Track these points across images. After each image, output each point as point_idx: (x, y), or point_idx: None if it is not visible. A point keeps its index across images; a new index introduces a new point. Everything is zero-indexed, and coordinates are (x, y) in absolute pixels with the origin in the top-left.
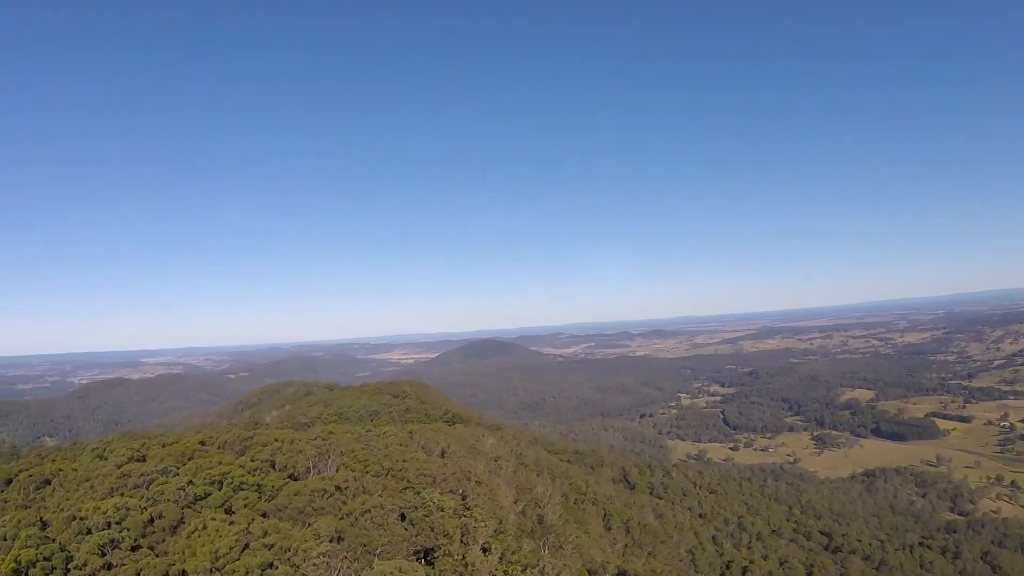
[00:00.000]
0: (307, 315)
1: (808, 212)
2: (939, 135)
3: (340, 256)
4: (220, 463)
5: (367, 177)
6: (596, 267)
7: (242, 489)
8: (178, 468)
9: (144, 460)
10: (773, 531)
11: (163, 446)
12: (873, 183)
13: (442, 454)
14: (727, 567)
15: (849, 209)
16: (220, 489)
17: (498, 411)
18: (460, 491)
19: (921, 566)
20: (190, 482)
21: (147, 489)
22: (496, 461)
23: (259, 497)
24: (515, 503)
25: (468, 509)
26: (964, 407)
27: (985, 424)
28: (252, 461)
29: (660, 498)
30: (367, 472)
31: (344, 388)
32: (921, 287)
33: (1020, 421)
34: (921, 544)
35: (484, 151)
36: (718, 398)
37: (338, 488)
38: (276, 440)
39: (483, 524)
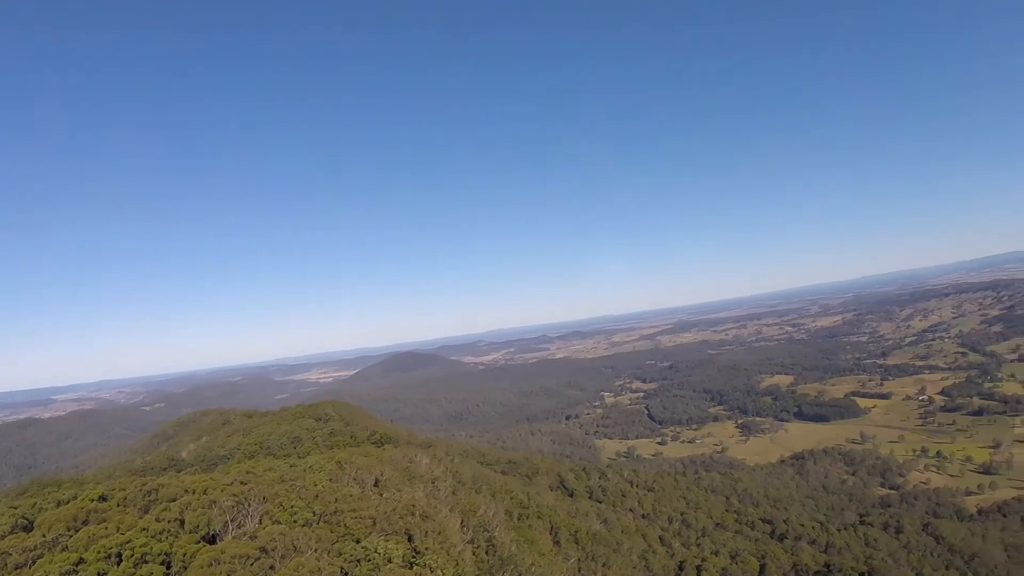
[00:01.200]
0: (222, 339)
1: (714, 207)
2: (835, 126)
3: (252, 277)
4: (119, 528)
5: (269, 198)
6: (512, 274)
7: (145, 562)
8: (70, 537)
9: (31, 529)
10: (717, 524)
11: (57, 504)
12: (778, 175)
13: (376, 483)
14: (680, 568)
15: (754, 201)
16: (119, 565)
17: (424, 424)
18: (406, 531)
19: (867, 544)
20: (80, 560)
21: (29, 571)
22: (434, 483)
23: (166, 573)
24: (462, 529)
25: (419, 554)
26: (882, 384)
27: (904, 399)
28: (158, 522)
29: (600, 502)
30: (296, 522)
31: (263, 414)
32: (829, 272)
33: (938, 394)
34: (862, 522)
35: (379, 164)
36: (641, 394)
37: (263, 550)
38: (186, 491)
39: (440, 570)
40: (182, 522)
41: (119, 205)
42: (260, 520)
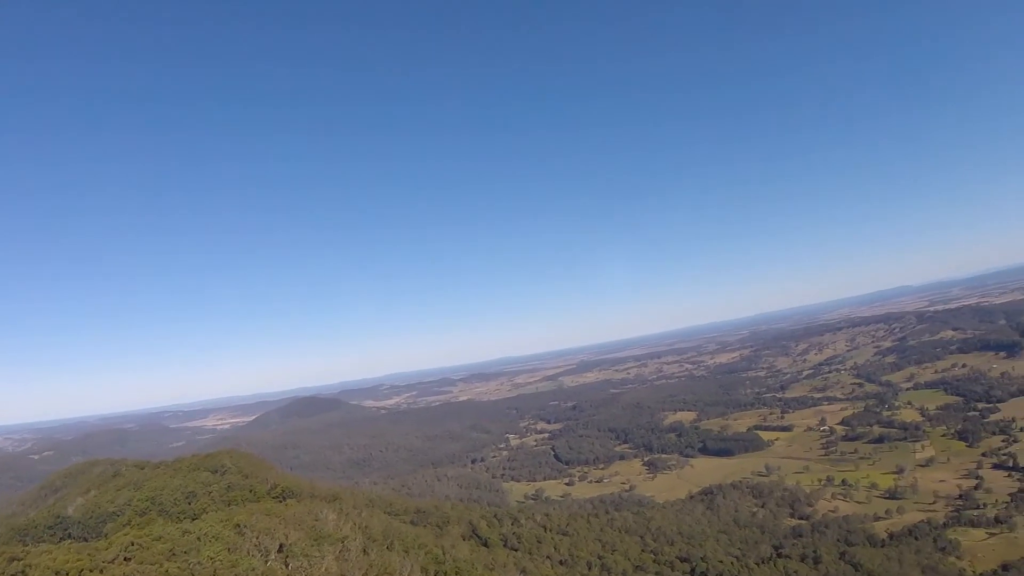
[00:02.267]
0: (114, 383)
1: (609, 249)
2: (725, 172)
3: (144, 320)
4: None
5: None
6: (413, 316)
7: None
8: None
9: None
10: (636, 567)
11: None
12: (671, 215)
13: (281, 549)
14: None
15: (649, 242)
16: None
17: (326, 472)
18: None
19: None
20: None
21: None
22: (343, 543)
23: None
24: None
25: None
26: (783, 417)
27: (806, 430)
28: None
29: (516, 550)
30: None
31: (156, 465)
32: (726, 310)
33: (838, 424)
34: (780, 555)
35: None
36: (546, 435)
37: None
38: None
39: None
40: None
41: None
42: None
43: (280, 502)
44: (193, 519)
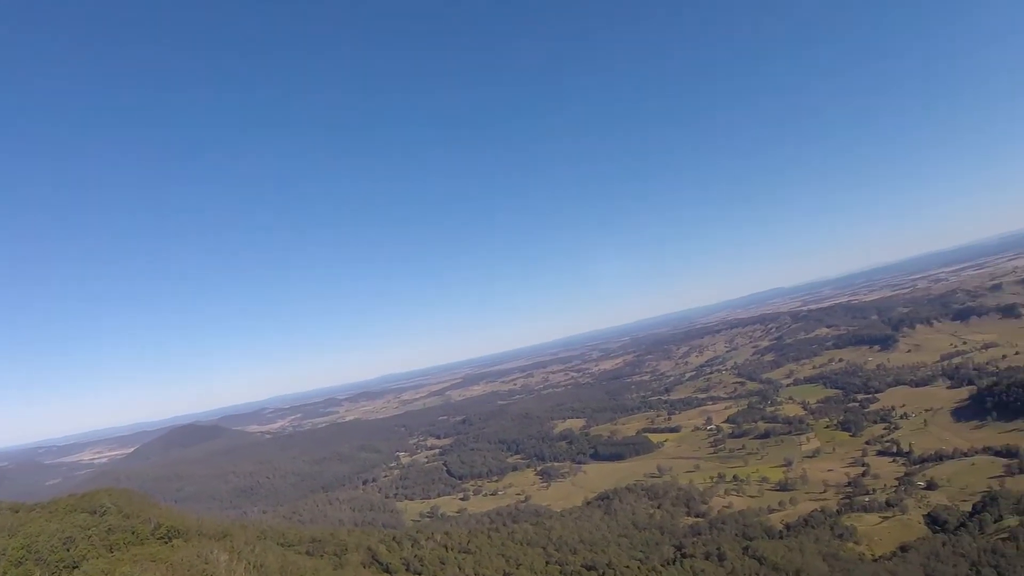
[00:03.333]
0: None
1: (490, 260)
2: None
3: (12, 350)
4: None
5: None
6: (293, 337)
7: None
8: None
9: None
10: None
11: None
12: (551, 235)
13: None
14: None
15: (531, 253)
16: None
17: (211, 503)
18: None
19: None
20: None
21: None
22: None
23: None
24: None
25: None
26: (670, 419)
27: (694, 430)
28: None
29: (419, 573)
30: None
31: (31, 508)
32: (606, 318)
33: (724, 422)
34: (684, 555)
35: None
36: (437, 451)
37: None
38: None
39: None
40: None
41: None
42: None
43: (166, 543)
44: (72, 568)
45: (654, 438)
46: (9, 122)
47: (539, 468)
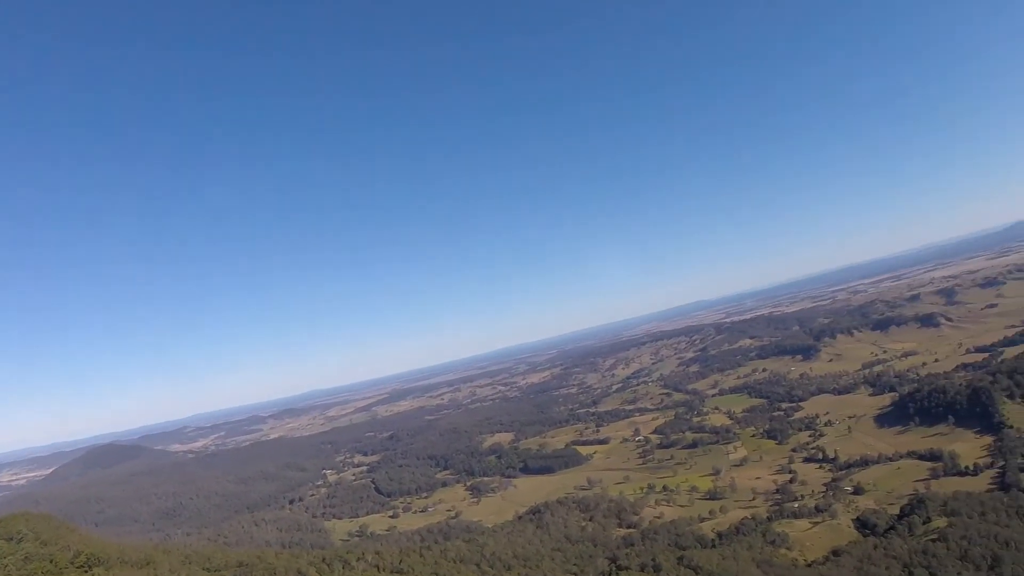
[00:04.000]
0: None
1: (414, 272)
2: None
3: None
4: None
5: None
6: (213, 353)
7: None
8: None
9: None
10: None
11: None
12: (471, 252)
13: None
14: None
15: (455, 268)
16: None
17: (133, 525)
18: None
19: None
20: None
21: None
22: None
23: None
24: None
25: None
26: (598, 431)
27: (622, 442)
28: None
29: None
30: None
31: None
32: (533, 332)
33: (652, 433)
34: (619, 567)
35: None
36: (365, 468)
37: None
38: None
39: None
40: None
41: None
42: None
43: (86, 572)
44: None
45: (583, 450)
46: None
47: (469, 483)
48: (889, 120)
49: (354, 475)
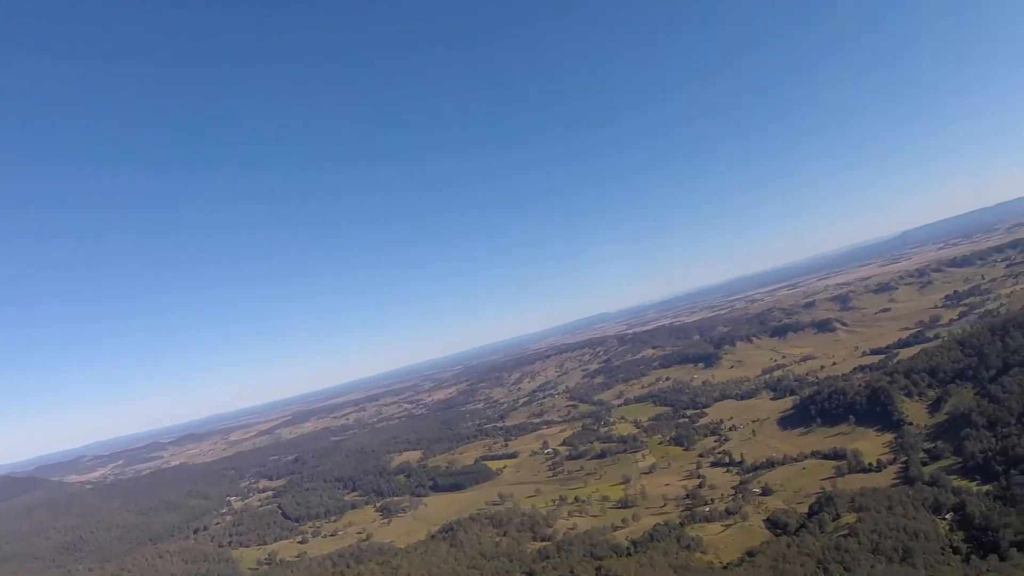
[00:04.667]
0: None
1: (320, 293)
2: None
3: None
4: None
5: None
6: (110, 376)
7: None
8: None
9: None
10: None
11: None
12: (374, 267)
13: None
14: None
15: (355, 286)
16: None
17: (33, 563)
18: None
19: None
20: None
21: None
22: None
23: None
24: None
25: None
26: (507, 445)
27: (531, 455)
28: None
29: None
30: None
31: None
32: (439, 348)
33: (561, 445)
34: None
35: None
36: (271, 493)
37: None
38: None
39: None
40: None
41: None
42: None
43: None
44: None
45: (493, 465)
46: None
47: (379, 504)
48: (779, 133)
49: (260, 501)
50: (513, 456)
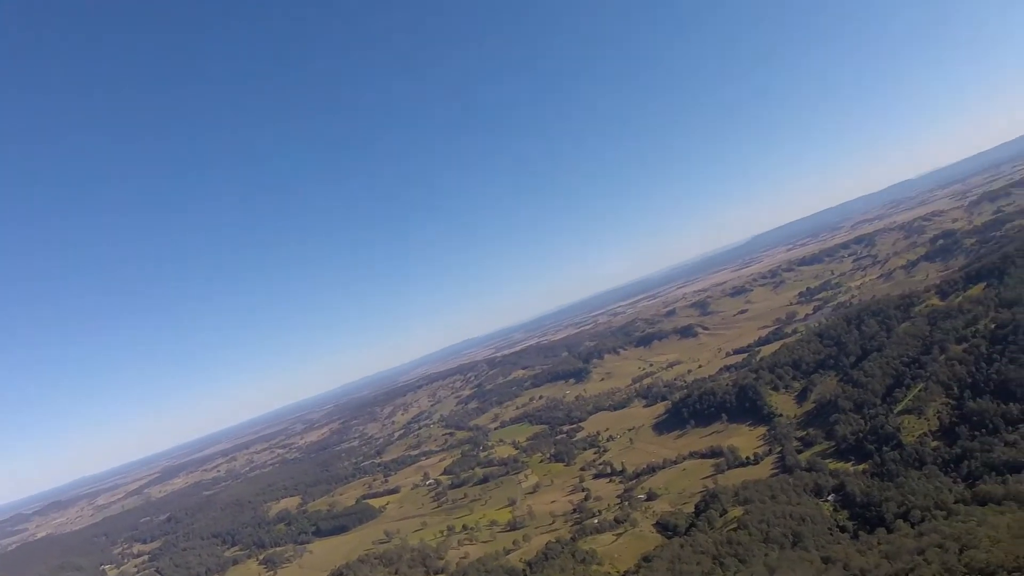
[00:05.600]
0: None
1: (172, 340)
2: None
3: None
4: None
5: None
6: None
7: None
8: None
9: None
10: None
11: None
12: (233, 321)
13: None
14: None
15: (208, 327)
16: None
17: None
18: None
19: None
20: None
21: None
22: None
23: None
24: None
25: None
26: (387, 481)
27: (413, 488)
28: None
29: None
30: None
31: None
32: (307, 389)
33: (442, 475)
34: None
35: None
36: (146, 557)
37: None
38: None
39: None
40: None
41: None
42: None
43: None
44: None
45: (375, 503)
46: None
47: (261, 556)
48: (631, 148)
49: (136, 567)
50: (395, 492)
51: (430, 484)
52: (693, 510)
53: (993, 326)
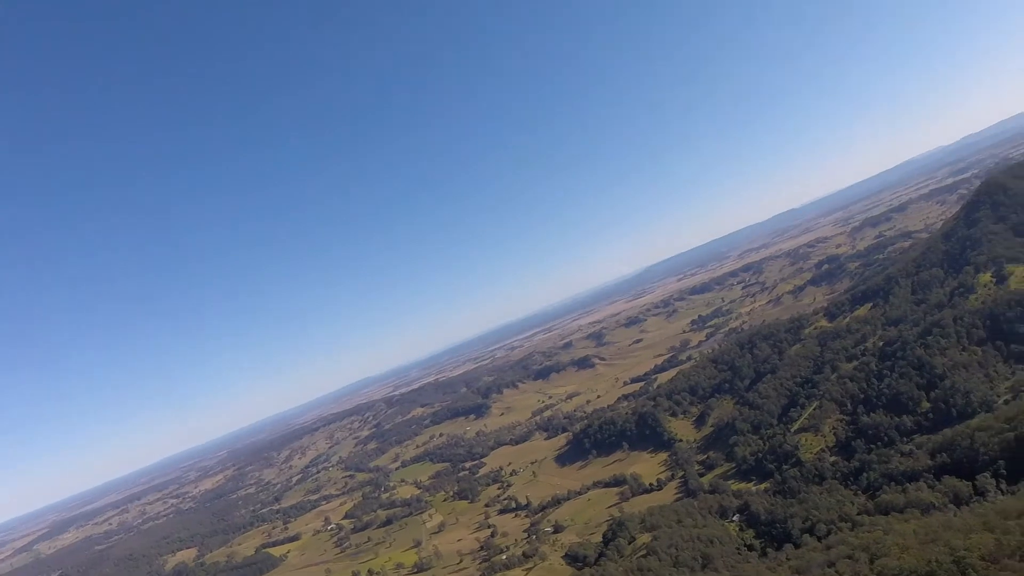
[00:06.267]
0: None
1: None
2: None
3: None
4: None
5: None
6: None
7: None
8: None
9: None
10: None
11: None
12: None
13: None
14: None
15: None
16: None
17: None
18: None
19: None
20: None
21: None
22: None
23: None
24: None
25: None
26: (287, 528)
27: (315, 534)
28: None
29: None
30: None
31: None
32: (197, 435)
33: (344, 519)
34: None
35: None
36: None
37: None
38: None
39: None
40: None
41: None
42: None
43: None
44: None
45: (276, 551)
46: None
47: None
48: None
49: None
50: (295, 539)
51: (332, 529)
52: (601, 540)
53: (881, 344)
